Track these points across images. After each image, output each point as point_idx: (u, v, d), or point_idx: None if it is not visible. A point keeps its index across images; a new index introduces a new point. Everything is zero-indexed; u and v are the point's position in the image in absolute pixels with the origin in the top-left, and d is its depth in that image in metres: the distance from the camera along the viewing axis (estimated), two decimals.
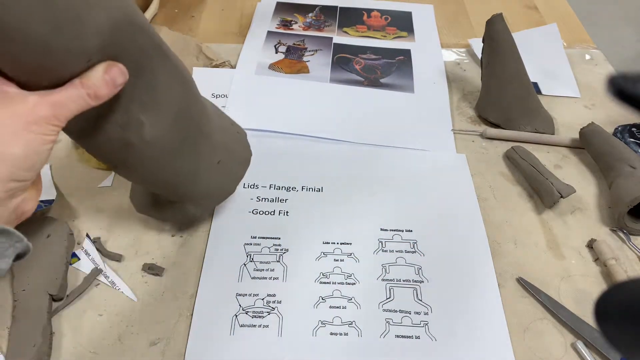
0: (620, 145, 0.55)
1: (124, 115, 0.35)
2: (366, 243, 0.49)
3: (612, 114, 0.64)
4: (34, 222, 0.47)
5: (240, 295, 0.45)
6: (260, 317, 0.43)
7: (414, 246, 0.49)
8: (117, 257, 0.47)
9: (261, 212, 0.51)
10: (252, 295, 0.45)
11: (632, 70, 0.20)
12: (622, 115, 0.63)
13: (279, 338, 0.42)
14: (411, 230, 0.50)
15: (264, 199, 0.52)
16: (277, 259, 0.48)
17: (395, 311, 0.44)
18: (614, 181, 0.53)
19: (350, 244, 0.49)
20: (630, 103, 0.20)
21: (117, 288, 0.45)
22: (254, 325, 0.43)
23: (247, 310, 0.44)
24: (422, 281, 0.46)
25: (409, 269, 0.47)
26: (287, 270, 0.47)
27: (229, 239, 0.49)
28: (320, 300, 0.45)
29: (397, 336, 0.43)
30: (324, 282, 0.46)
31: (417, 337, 0.43)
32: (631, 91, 0.19)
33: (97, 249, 0.47)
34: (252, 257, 0.47)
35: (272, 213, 0.51)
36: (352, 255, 0.48)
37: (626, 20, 1.82)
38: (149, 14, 0.78)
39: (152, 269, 0.46)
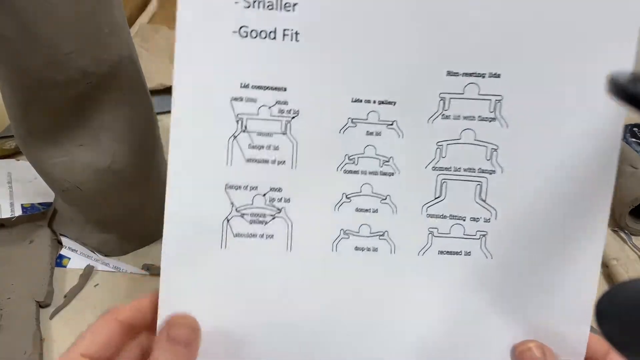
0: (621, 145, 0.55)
1: (95, 140, 0.37)
2: (419, 101, 0.30)
3: None
4: (16, 229, 0.47)
5: (231, 187, 0.30)
6: (261, 222, 0.31)
7: (495, 108, 0.30)
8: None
9: (254, 35, 0.29)
10: (248, 188, 0.30)
11: (633, 70, 0.20)
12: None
13: (287, 253, 0.31)
14: (498, 75, 0.30)
15: (257, 2, 0.29)
16: (283, 128, 0.31)
17: (445, 217, 0.31)
18: (615, 181, 0.53)
19: (393, 103, 0.30)
20: (631, 103, 0.20)
21: (123, 271, 0.46)
22: (254, 235, 0.31)
23: (242, 212, 0.30)
24: (494, 171, 0.30)
25: (478, 151, 0.30)
26: (297, 148, 0.31)
27: (205, 85, 0.30)
28: (344, 199, 0.31)
29: (441, 252, 0.31)
30: (350, 171, 0.31)
31: (468, 254, 0.31)
32: (632, 91, 0.19)
33: (84, 243, 0.47)
34: (244, 123, 0.30)
35: (273, 36, 0.30)
36: (395, 125, 0.31)
37: None
38: (148, 13, 0.78)
39: (152, 270, 0.46)
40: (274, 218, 0.31)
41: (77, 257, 0.47)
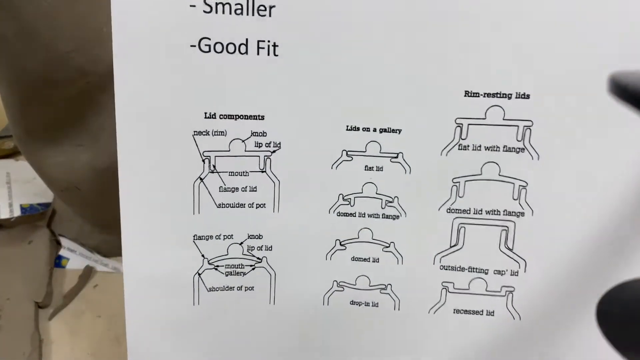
0: None
1: (95, 140, 0.37)
2: (430, 128, 0.24)
3: None
4: (15, 229, 0.47)
5: (201, 238, 0.26)
6: (239, 274, 0.27)
7: (523, 135, 0.24)
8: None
9: (219, 49, 0.23)
10: (222, 237, 0.26)
11: (634, 70, 0.20)
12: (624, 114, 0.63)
13: (271, 306, 0.27)
14: (527, 96, 0.23)
15: (221, 5, 0.22)
16: (262, 164, 0.25)
17: (462, 269, 0.26)
18: None
19: (398, 131, 0.25)
20: (631, 103, 0.20)
21: (122, 271, 0.46)
22: (231, 288, 0.27)
23: (216, 264, 0.27)
24: (523, 213, 0.25)
25: (503, 189, 0.25)
26: (279, 188, 0.26)
27: (157, 118, 0.24)
28: (338, 246, 0.27)
29: (457, 311, 0.27)
30: (345, 214, 0.26)
31: (491, 313, 0.26)
32: (632, 91, 0.19)
33: (82, 244, 0.47)
34: (212, 162, 0.25)
35: (244, 49, 0.23)
36: (400, 158, 0.25)
37: None
38: None
39: None
40: (253, 268, 0.27)
41: (76, 258, 0.46)
